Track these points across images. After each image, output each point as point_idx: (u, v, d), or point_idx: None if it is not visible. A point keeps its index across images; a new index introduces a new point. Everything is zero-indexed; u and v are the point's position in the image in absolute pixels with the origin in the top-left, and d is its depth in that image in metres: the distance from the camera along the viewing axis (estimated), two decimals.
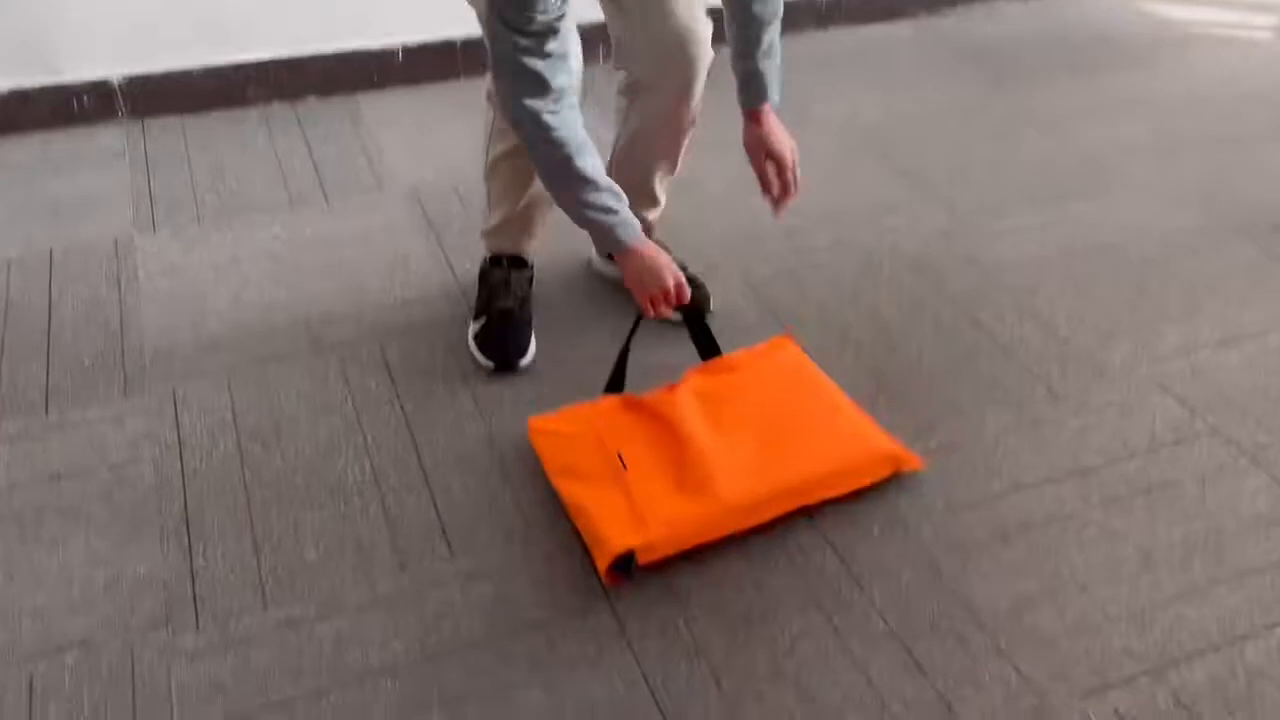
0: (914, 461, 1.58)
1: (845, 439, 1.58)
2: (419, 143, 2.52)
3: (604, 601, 1.40)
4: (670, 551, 1.43)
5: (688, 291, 1.61)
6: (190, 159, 2.42)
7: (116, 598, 1.40)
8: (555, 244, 2.01)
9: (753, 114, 1.70)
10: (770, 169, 1.70)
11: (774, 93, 1.69)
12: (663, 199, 1.93)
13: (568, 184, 1.50)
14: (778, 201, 1.72)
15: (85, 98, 2.53)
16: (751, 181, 1.72)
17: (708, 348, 1.73)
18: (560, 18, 1.37)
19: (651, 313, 1.62)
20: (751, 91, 1.68)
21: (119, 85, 2.54)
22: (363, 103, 2.69)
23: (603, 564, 1.40)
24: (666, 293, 1.58)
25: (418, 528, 1.51)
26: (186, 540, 1.48)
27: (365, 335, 1.87)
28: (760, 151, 1.70)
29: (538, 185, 1.68)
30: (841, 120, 2.62)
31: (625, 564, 1.39)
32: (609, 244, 1.58)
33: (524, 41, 1.36)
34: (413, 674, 1.31)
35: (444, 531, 1.50)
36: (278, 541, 1.48)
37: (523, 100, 1.41)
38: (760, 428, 1.57)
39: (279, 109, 2.65)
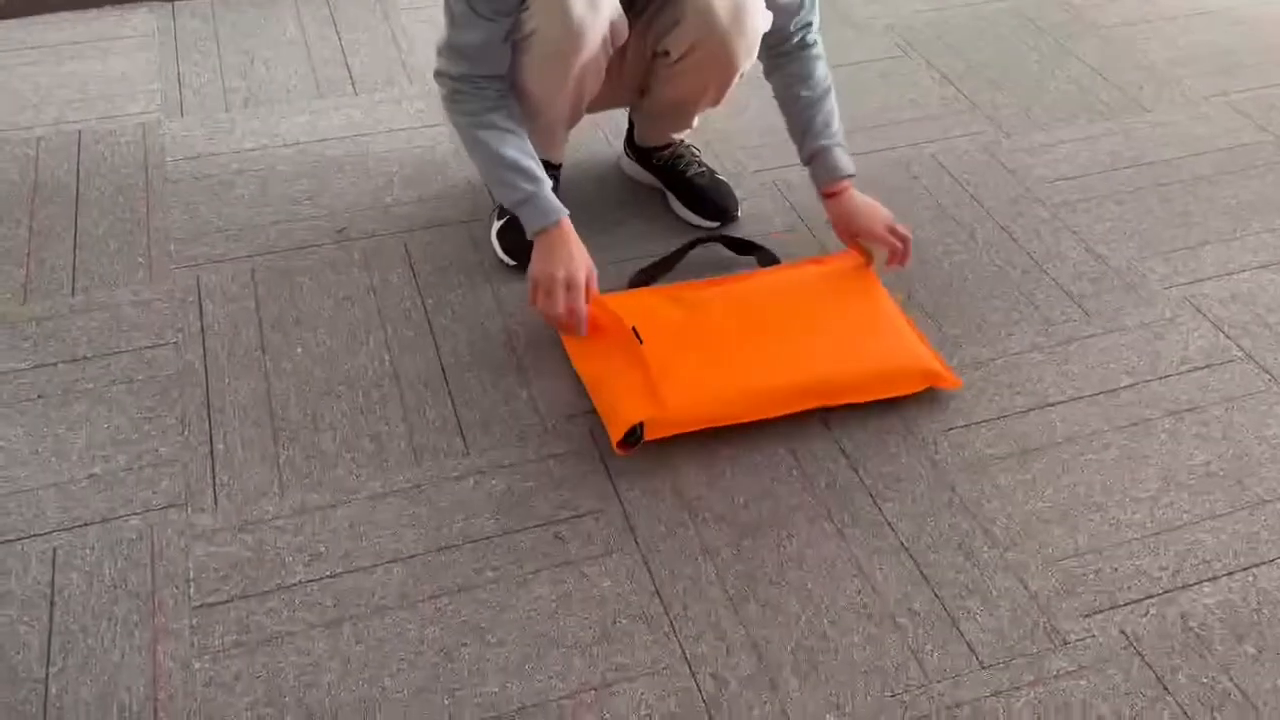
0: (953, 381, 1.55)
1: (885, 345, 1.55)
2: None
3: (615, 503, 1.41)
4: (684, 428, 1.43)
5: (581, 322, 1.53)
6: (220, 44, 2.38)
7: (137, 477, 1.43)
8: (584, 144, 1.97)
9: (830, 193, 1.66)
10: (878, 244, 1.65)
11: (848, 164, 1.64)
12: (696, 123, 1.88)
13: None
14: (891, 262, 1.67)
15: None
16: None
17: (757, 253, 1.73)
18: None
19: (536, 305, 1.55)
20: (824, 169, 1.65)
21: None
22: None
23: (616, 434, 1.41)
24: (554, 316, 1.53)
25: (434, 422, 1.52)
26: (207, 425, 1.50)
27: (389, 228, 1.86)
28: (849, 235, 1.67)
29: (557, 106, 1.63)
30: (887, 20, 2.52)
31: (636, 436, 1.40)
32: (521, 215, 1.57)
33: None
34: (423, 563, 1.33)
35: (460, 427, 1.51)
36: (296, 430, 1.50)
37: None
38: (797, 321, 1.56)
39: None
